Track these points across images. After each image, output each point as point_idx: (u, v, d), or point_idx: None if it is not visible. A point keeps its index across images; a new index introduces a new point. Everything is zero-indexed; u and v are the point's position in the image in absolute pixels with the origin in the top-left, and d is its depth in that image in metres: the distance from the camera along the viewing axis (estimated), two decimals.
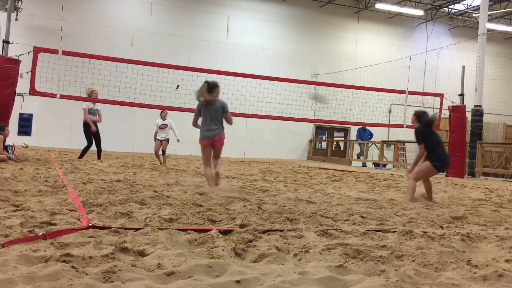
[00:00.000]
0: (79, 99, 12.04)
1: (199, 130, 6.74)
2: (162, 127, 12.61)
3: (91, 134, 11.60)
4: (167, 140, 12.63)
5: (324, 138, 25.68)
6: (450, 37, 26.74)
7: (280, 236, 3.42)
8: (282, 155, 23.22)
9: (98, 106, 11.91)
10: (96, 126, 11.70)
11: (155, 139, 12.76)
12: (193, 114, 6.94)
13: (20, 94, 10.58)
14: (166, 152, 12.83)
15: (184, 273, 2.37)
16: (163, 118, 12.71)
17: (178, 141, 13.22)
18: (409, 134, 22.36)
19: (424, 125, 6.55)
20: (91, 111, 11.65)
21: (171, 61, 16.26)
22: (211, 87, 6.52)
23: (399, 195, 7.15)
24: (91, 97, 11.57)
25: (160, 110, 12.87)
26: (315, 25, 24.46)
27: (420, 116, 6.63)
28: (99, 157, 12.05)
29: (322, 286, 2.35)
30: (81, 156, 11.90)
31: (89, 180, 6.58)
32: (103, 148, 12.30)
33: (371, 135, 21.79)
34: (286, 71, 21.61)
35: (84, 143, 11.79)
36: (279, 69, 22.06)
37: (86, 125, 11.61)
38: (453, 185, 9.96)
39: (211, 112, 6.58)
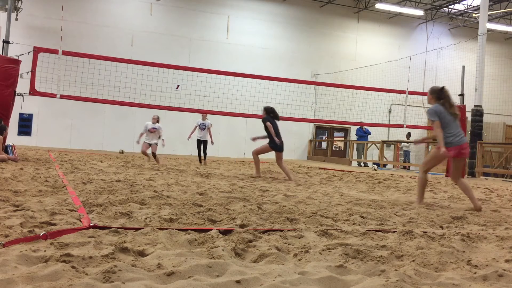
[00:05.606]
0: (79, 99, 12.04)
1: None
2: (152, 131, 13.19)
3: None
4: (156, 144, 13.28)
5: (324, 138, 25.66)
6: (450, 37, 26.73)
7: (280, 236, 3.42)
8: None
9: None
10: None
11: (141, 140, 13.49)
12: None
13: (20, 94, 10.57)
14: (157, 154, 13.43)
15: (184, 273, 2.37)
16: (153, 122, 13.32)
17: (163, 146, 13.81)
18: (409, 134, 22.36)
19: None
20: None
21: (171, 61, 16.24)
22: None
23: (399, 195, 7.15)
24: None
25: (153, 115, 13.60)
26: (315, 25, 24.45)
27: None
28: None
29: (322, 286, 2.35)
30: None
31: (89, 180, 6.57)
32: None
33: (366, 132, 21.47)
34: (286, 71, 21.61)
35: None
36: (279, 69, 22.06)
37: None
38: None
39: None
